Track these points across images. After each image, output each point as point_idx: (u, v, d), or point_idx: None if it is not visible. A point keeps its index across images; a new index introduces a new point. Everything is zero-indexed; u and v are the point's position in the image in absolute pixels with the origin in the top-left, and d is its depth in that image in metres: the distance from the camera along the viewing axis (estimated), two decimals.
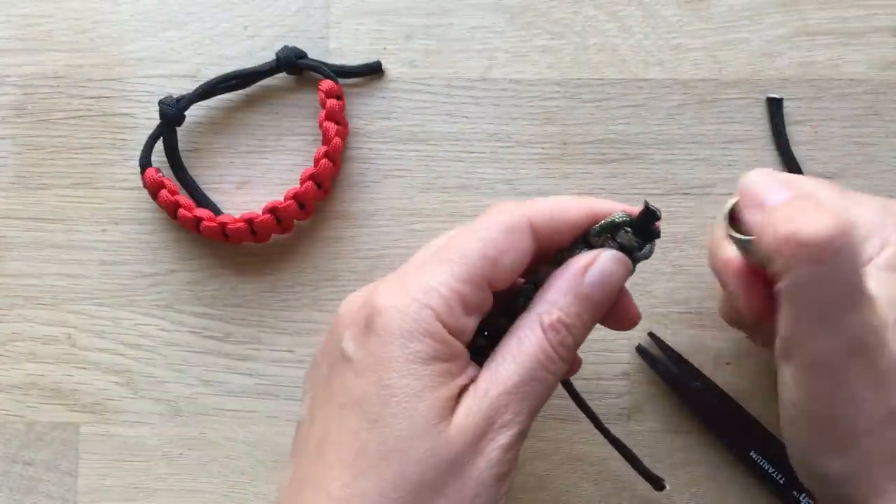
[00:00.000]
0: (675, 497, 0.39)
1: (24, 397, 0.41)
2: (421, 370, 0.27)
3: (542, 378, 0.28)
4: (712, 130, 0.41)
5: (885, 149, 0.40)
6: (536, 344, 0.29)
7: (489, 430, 0.27)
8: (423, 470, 0.27)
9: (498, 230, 0.29)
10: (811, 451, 0.29)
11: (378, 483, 0.27)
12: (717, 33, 0.41)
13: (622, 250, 0.30)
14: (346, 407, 0.28)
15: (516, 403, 0.28)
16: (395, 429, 0.27)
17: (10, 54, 0.43)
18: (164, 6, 0.43)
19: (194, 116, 0.42)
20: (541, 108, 0.41)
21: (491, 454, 0.27)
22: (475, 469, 0.27)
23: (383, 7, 0.42)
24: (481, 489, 0.27)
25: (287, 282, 0.41)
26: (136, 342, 0.41)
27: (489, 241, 0.29)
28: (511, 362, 0.28)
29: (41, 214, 0.42)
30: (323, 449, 0.28)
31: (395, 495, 0.26)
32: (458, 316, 0.28)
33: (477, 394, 0.28)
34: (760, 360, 0.39)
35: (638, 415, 0.40)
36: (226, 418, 0.41)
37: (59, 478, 0.41)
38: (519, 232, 0.29)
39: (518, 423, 0.28)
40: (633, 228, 0.30)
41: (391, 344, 0.28)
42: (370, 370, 0.28)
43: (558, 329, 0.29)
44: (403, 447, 0.27)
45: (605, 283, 0.29)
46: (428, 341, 0.27)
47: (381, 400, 0.27)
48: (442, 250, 0.29)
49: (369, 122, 0.42)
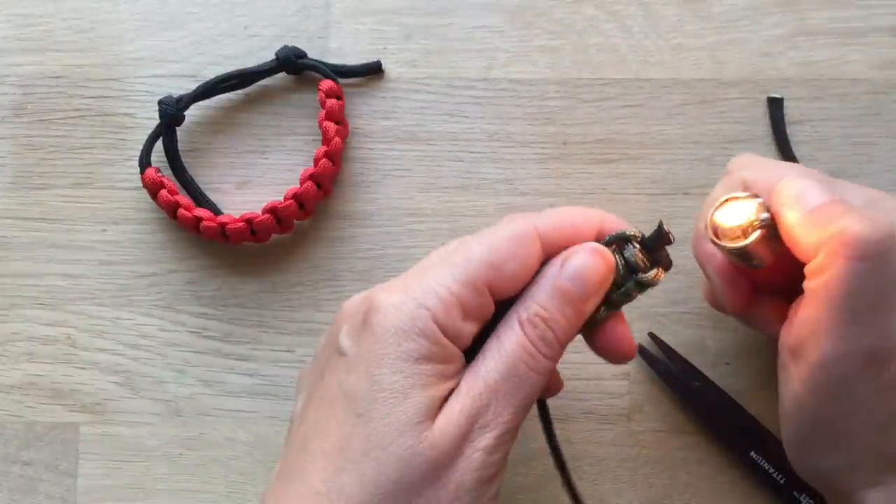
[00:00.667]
0: (675, 497, 0.39)
1: (24, 397, 0.41)
2: (411, 368, 0.27)
3: (523, 374, 0.28)
4: (712, 130, 0.41)
5: (885, 149, 0.40)
6: (515, 340, 0.28)
7: (471, 432, 0.27)
8: (402, 468, 0.27)
9: (504, 238, 0.29)
10: (807, 446, 0.30)
11: (358, 478, 0.27)
12: (717, 33, 0.41)
13: (627, 267, 0.30)
14: (335, 401, 0.28)
15: (498, 402, 0.28)
16: (378, 424, 0.27)
17: (9, 54, 0.43)
18: (164, 6, 0.43)
19: (194, 116, 0.42)
20: (541, 108, 0.41)
21: (472, 457, 0.27)
22: (455, 471, 0.27)
23: (383, 7, 0.42)
24: (461, 493, 0.27)
25: (287, 282, 0.41)
26: (136, 342, 0.41)
27: (493, 247, 0.29)
28: (490, 360, 0.28)
29: (41, 214, 0.42)
30: (308, 442, 0.28)
31: (375, 491, 0.26)
32: (454, 319, 0.28)
33: (459, 394, 0.28)
34: (760, 360, 0.39)
35: (638, 415, 0.40)
36: (226, 418, 0.41)
37: (58, 478, 0.41)
38: (526, 241, 0.29)
39: (500, 423, 0.28)
40: (642, 245, 0.30)
41: (385, 341, 0.28)
42: (362, 365, 0.28)
43: (536, 323, 0.28)
44: (385, 444, 0.27)
45: (580, 276, 0.29)
46: (421, 341, 0.27)
47: (369, 395, 0.27)
48: (446, 254, 0.29)
49: (369, 122, 0.42)
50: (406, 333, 0.27)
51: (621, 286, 0.30)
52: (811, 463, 0.31)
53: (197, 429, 0.41)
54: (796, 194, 0.29)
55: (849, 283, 0.27)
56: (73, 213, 0.42)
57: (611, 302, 0.30)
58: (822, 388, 0.28)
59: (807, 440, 0.30)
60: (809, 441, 0.30)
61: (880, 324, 0.27)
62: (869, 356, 0.28)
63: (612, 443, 0.39)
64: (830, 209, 0.28)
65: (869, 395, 0.28)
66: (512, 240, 0.29)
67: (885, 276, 0.27)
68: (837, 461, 0.30)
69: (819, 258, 0.27)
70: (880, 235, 0.26)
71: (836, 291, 0.27)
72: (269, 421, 0.40)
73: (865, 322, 0.27)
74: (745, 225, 0.29)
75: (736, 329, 0.39)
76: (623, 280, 0.30)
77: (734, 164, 0.34)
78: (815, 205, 0.28)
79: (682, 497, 0.39)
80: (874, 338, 0.27)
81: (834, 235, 0.27)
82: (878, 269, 0.27)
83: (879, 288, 0.27)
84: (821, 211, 0.28)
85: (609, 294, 0.30)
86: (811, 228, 0.28)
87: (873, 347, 0.27)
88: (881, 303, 0.27)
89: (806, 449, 0.30)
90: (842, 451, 0.29)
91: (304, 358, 0.41)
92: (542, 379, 0.29)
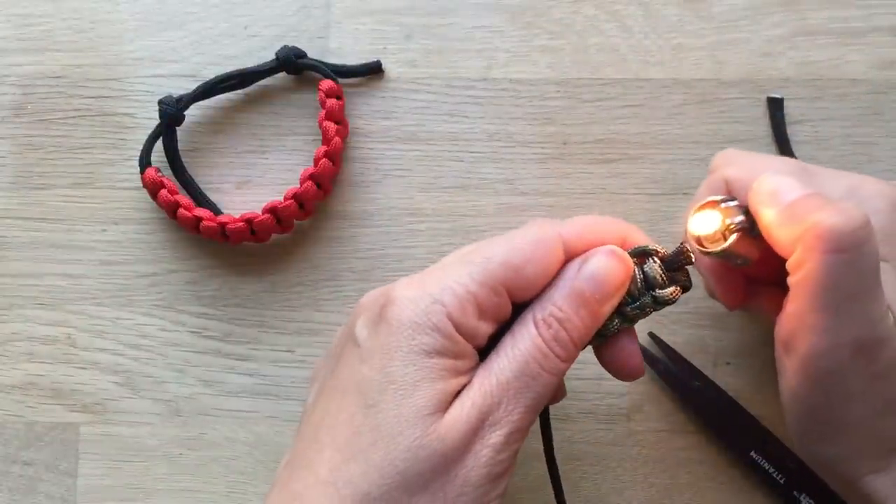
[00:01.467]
0: (676, 497, 0.39)
1: (24, 397, 0.41)
2: (423, 362, 0.27)
3: (535, 374, 0.28)
4: (712, 130, 0.41)
5: (885, 148, 0.40)
6: (529, 339, 0.28)
7: (480, 428, 0.27)
8: (409, 459, 0.27)
9: (526, 241, 0.29)
10: (807, 436, 0.31)
11: (365, 468, 0.27)
12: (717, 33, 0.41)
13: (645, 282, 0.30)
14: (347, 391, 0.28)
15: (509, 400, 0.28)
16: (388, 416, 0.27)
17: (9, 54, 0.43)
18: (164, 6, 0.43)
19: (194, 116, 0.42)
20: (541, 108, 0.41)
21: (480, 453, 0.27)
22: (462, 467, 0.27)
23: (383, 7, 0.42)
24: (467, 488, 0.27)
25: (287, 282, 0.41)
26: (136, 342, 0.41)
27: (515, 249, 0.29)
28: (504, 358, 0.28)
29: (41, 214, 0.42)
30: (319, 432, 0.28)
31: (381, 482, 0.26)
32: (470, 317, 0.28)
33: (470, 389, 0.28)
34: (760, 360, 0.39)
35: (638, 415, 0.40)
36: (226, 418, 0.41)
37: (58, 478, 0.41)
38: (548, 246, 0.29)
39: (510, 421, 0.28)
40: (662, 261, 0.30)
41: (399, 333, 0.28)
42: (375, 357, 0.28)
43: (550, 323, 0.29)
44: (393, 435, 0.27)
45: (597, 278, 0.29)
46: (435, 335, 0.28)
47: (380, 387, 0.27)
48: (467, 253, 0.30)
49: (369, 121, 0.42)
50: (420, 327, 0.28)
51: (637, 300, 0.30)
52: (814, 452, 0.31)
53: (197, 429, 0.41)
54: (771, 191, 0.29)
55: (826, 277, 0.27)
56: (73, 213, 0.42)
57: (625, 315, 0.30)
58: (813, 381, 0.28)
59: (807, 431, 0.30)
60: (809, 431, 0.30)
61: (863, 313, 0.27)
62: (856, 347, 0.28)
63: (612, 443, 0.39)
64: (805, 203, 0.28)
65: (861, 385, 0.28)
66: (534, 244, 0.29)
67: (862, 266, 0.27)
68: (839, 450, 0.30)
69: (797, 253, 0.27)
70: (853, 226, 0.26)
71: (816, 285, 0.27)
72: (269, 421, 0.40)
73: (848, 313, 0.27)
74: (721, 229, 0.30)
75: (736, 329, 0.39)
76: (640, 294, 0.30)
77: (717, 161, 0.35)
78: (790, 200, 0.28)
79: (682, 497, 0.39)
80: (858, 328, 0.27)
81: (809, 230, 0.27)
82: (854, 260, 0.26)
83: (858, 278, 0.27)
84: (795, 206, 0.28)
85: (624, 307, 0.30)
86: (788, 224, 0.28)
87: (859, 338, 0.27)
88: (862, 293, 0.27)
89: (807, 439, 0.31)
90: (842, 440, 0.30)
91: (305, 358, 0.41)
92: (554, 379, 0.29)
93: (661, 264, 0.30)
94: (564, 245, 0.30)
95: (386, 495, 0.26)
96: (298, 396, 0.40)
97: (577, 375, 0.39)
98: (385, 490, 0.26)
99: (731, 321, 0.39)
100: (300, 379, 0.40)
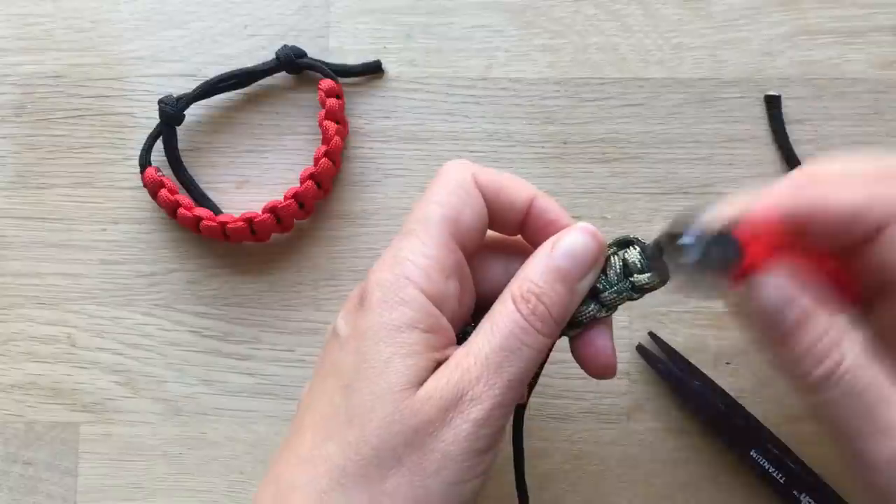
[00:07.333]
0: (676, 497, 0.39)
1: (24, 397, 0.41)
2: (393, 338, 0.28)
3: (515, 348, 0.28)
4: (712, 129, 0.41)
5: (886, 148, 0.40)
6: (507, 315, 0.29)
7: (459, 403, 0.27)
8: (381, 434, 0.27)
9: (449, 191, 0.30)
10: None
11: (341, 445, 0.27)
12: (717, 32, 0.41)
13: (625, 268, 0.30)
14: (328, 377, 0.29)
15: (489, 375, 0.28)
16: (362, 394, 0.27)
17: (9, 54, 0.43)
18: (164, 5, 0.43)
19: (194, 116, 0.42)
20: (541, 108, 0.41)
21: (461, 427, 0.27)
22: (440, 441, 0.27)
23: (383, 6, 0.42)
24: (447, 462, 0.27)
25: (287, 281, 0.41)
26: (136, 342, 0.41)
27: (444, 203, 0.30)
28: (482, 336, 0.28)
29: (41, 214, 0.42)
30: (302, 416, 0.29)
31: (356, 458, 0.27)
32: (436, 281, 0.29)
33: (447, 366, 0.28)
34: (760, 359, 0.39)
35: (638, 415, 0.39)
36: (226, 418, 0.41)
37: (58, 477, 0.41)
38: (468, 188, 0.30)
39: (492, 395, 0.27)
40: (643, 250, 0.30)
41: (370, 316, 0.28)
42: (351, 342, 0.29)
43: (528, 298, 0.29)
44: (366, 411, 0.27)
45: (572, 253, 0.29)
46: (403, 309, 0.28)
47: (355, 367, 0.28)
48: (406, 224, 0.30)
49: (369, 121, 0.42)
50: (388, 304, 0.28)
51: (615, 285, 0.30)
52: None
53: (197, 428, 0.41)
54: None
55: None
56: (73, 212, 0.42)
57: (602, 301, 0.30)
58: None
59: None
60: None
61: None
62: None
63: (612, 442, 0.39)
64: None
65: None
66: (458, 191, 0.30)
67: None
68: None
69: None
70: None
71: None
72: (269, 420, 0.40)
73: None
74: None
75: (736, 329, 0.39)
76: (618, 280, 0.30)
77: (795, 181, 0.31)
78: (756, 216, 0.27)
79: (682, 497, 0.39)
80: None
81: None
82: None
83: None
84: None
85: (602, 293, 0.30)
86: None
87: None
88: None
89: None
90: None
91: (305, 357, 0.41)
92: (534, 354, 0.29)
93: (642, 252, 0.30)
94: (478, 184, 0.30)
95: (361, 470, 0.27)
96: (298, 396, 0.40)
97: (577, 375, 0.39)
98: (360, 465, 0.27)
99: (731, 321, 0.39)
100: (300, 378, 0.40)
